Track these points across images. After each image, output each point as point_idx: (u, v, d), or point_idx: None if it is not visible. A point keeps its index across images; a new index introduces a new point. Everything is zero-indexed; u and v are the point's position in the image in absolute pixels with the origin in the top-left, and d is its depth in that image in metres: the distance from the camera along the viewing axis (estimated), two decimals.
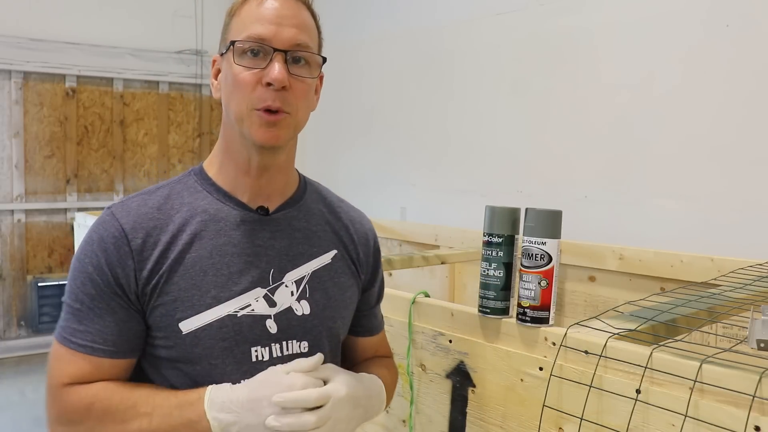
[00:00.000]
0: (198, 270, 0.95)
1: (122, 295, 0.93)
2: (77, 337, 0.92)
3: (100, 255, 0.93)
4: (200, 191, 1.01)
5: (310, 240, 1.05)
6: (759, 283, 1.48)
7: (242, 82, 0.94)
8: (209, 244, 0.97)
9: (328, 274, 1.06)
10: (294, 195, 1.07)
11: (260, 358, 0.97)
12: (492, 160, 3.31)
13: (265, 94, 0.93)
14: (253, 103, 0.94)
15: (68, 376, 0.92)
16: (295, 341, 1.00)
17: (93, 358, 0.92)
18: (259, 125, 0.94)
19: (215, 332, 0.94)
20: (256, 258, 0.99)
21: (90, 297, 0.93)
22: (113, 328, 0.93)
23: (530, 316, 1.11)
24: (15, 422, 3.48)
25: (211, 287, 0.95)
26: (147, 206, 0.97)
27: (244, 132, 0.96)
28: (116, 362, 0.94)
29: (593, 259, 2.18)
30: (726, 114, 2.39)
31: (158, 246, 0.95)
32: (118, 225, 0.94)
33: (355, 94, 4.25)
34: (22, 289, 4.58)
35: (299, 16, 0.97)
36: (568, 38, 2.93)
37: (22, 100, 4.48)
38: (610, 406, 0.99)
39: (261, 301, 0.97)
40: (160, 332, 0.94)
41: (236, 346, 0.95)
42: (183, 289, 0.94)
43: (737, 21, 2.35)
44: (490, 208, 1.18)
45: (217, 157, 1.03)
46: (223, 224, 0.98)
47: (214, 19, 4.81)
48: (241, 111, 0.95)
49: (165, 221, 0.97)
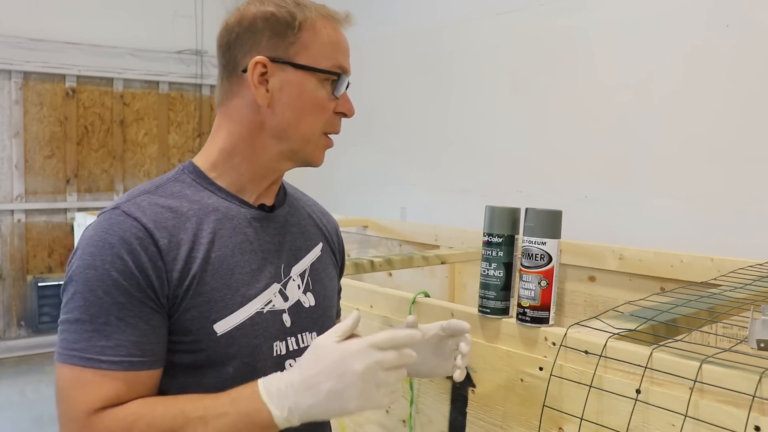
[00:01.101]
0: (225, 269, 0.93)
1: (155, 299, 0.87)
2: (108, 355, 0.83)
3: (126, 258, 0.85)
4: (202, 190, 0.98)
5: (304, 234, 1.09)
6: (759, 283, 1.48)
7: (324, 107, 0.99)
8: (229, 242, 0.96)
9: (321, 266, 1.10)
10: (279, 192, 1.09)
11: (279, 353, 0.98)
12: (492, 160, 3.31)
13: (336, 120, 1.02)
14: (326, 128, 1.01)
15: (100, 400, 0.83)
16: (307, 333, 1.03)
17: (130, 374, 0.84)
18: (322, 149, 1.02)
19: (248, 330, 0.94)
20: (269, 254, 1.01)
21: (119, 306, 0.84)
22: (150, 336, 0.86)
23: (530, 316, 1.11)
24: (15, 422, 3.48)
25: (240, 285, 0.95)
26: (159, 205, 0.92)
27: (306, 151, 1.00)
28: (154, 373, 0.88)
29: (593, 259, 2.18)
30: (726, 114, 2.39)
31: (183, 245, 0.90)
32: (138, 225, 0.88)
33: (355, 94, 4.22)
34: (22, 289, 4.59)
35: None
36: (568, 38, 2.93)
37: (22, 100, 4.48)
38: (610, 406, 0.99)
39: (278, 296, 0.99)
40: (188, 336, 0.90)
41: (264, 342, 0.96)
42: (215, 289, 0.92)
43: (737, 21, 2.35)
44: (490, 208, 1.18)
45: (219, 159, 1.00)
46: (236, 222, 0.98)
47: (214, 19, 4.81)
48: (313, 133, 1.00)
49: (181, 220, 0.93)
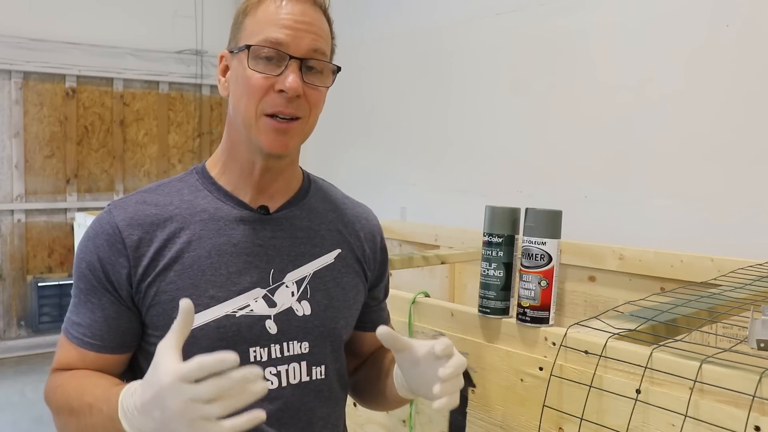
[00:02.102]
0: (196, 269, 0.94)
1: (113, 292, 0.94)
2: (73, 329, 0.95)
3: (93, 251, 0.94)
4: (201, 190, 1.00)
5: (312, 240, 1.04)
6: (759, 283, 1.48)
7: (254, 86, 0.92)
8: (208, 243, 0.96)
9: (330, 274, 1.04)
10: (297, 194, 1.06)
11: (258, 359, 0.96)
12: (492, 160, 3.31)
13: (277, 100, 0.92)
14: (264, 109, 0.93)
15: (59, 362, 0.96)
16: (296, 342, 0.99)
17: (81, 350, 0.95)
18: (268, 132, 0.93)
19: (213, 332, 0.93)
20: (256, 258, 0.98)
21: (83, 292, 0.95)
22: (102, 324, 0.94)
23: (530, 316, 1.11)
24: (15, 422, 3.48)
25: (209, 287, 0.94)
26: (146, 203, 0.97)
27: (252, 137, 0.95)
28: (102, 356, 0.95)
29: (593, 259, 2.18)
30: (726, 114, 2.39)
31: (154, 243, 0.94)
32: (113, 222, 0.95)
33: (355, 94, 4.24)
34: (22, 289, 4.58)
35: (317, 23, 0.95)
36: (568, 38, 2.93)
37: (22, 100, 4.48)
38: (610, 406, 0.99)
39: (260, 301, 0.97)
40: (156, 331, 0.94)
41: (234, 346, 0.93)
42: (180, 288, 0.93)
43: (737, 21, 2.35)
44: (490, 208, 1.17)
45: (220, 156, 1.03)
46: (223, 223, 0.98)
47: (214, 19, 4.81)
48: (250, 116, 0.94)
49: (163, 219, 0.96)
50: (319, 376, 1.01)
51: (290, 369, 0.98)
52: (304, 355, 0.99)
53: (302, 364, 0.99)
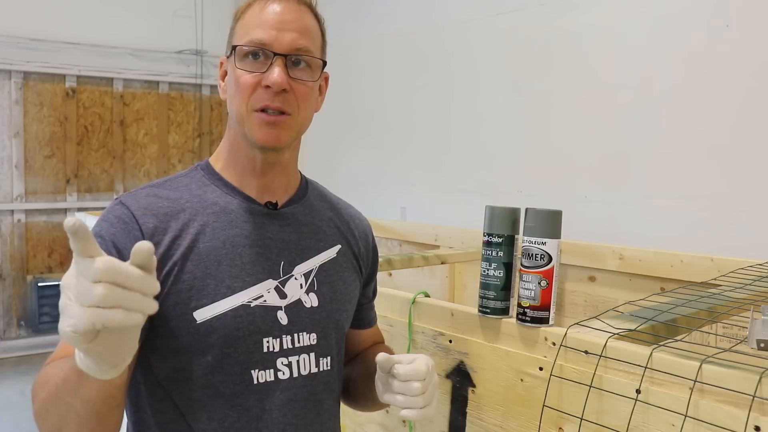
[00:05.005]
0: (212, 259, 0.96)
1: None
2: None
3: (107, 237, 0.91)
4: (208, 185, 1.03)
5: (316, 234, 1.08)
6: (759, 283, 1.48)
7: (243, 84, 0.97)
8: (222, 234, 0.98)
9: (333, 268, 1.08)
10: (297, 192, 1.10)
11: (271, 349, 0.98)
12: (492, 160, 3.31)
13: (264, 95, 0.97)
14: (253, 105, 0.97)
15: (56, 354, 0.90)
16: (305, 333, 1.01)
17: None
18: (259, 126, 0.97)
19: (230, 321, 0.94)
20: (267, 250, 1.01)
21: None
22: None
23: (530, 316, 1.11)
24: (15, 422, 3.48)
25: (226, 277, 0.96)
26: (157, 196, 0.99)
27: (246, 133, 0.99)
28: None
29: (593, 259, 2.18)
30: (726, 114, 2.39)
31: (169, 232, 0.95)
32: (127, 210, 0.95)
33: (355, 94, 4.24)
34: (22, 289, 4.58)
35: (301, 21, 1.00)
36: (568, 38, 2.93)
37: (22, 100, 4.47)
38: (610, 406, 0.99)
39: (272, 292, 0.99)
40: (171, 321, 0.93)
41: (249, 336, 0.96)
42: (198, 277, 0.94)
43: (737, 21, 2.35)
44: (490, 208, 1.18)
45: (223, 154, 1.06)
46: (234, 216, 1.00)
47: (214, 19, 4.81)
48: (241, 112, 0.98)
49: (175, 209, 0.98)
50: (325, 368, 1.04)
51: (300, 360, 1.01)
52: (313, 346, 1.02)
53: (311, 355, 1.02)
